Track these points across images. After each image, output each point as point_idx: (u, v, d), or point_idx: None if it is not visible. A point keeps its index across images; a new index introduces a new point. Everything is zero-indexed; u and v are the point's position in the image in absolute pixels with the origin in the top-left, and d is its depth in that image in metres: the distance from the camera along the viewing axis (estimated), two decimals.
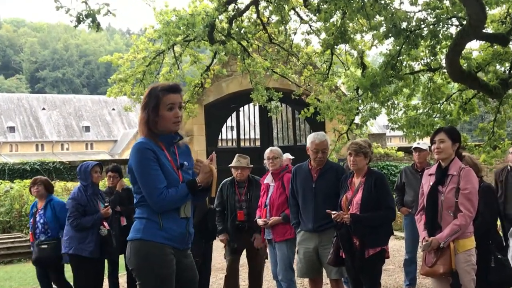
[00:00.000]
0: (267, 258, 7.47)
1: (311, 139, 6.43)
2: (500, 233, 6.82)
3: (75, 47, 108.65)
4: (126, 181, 8.52)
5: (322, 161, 6.35)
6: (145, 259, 3.88)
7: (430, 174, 5.19)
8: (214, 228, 7.20)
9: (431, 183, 5.09)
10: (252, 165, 7.57)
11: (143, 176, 3.88)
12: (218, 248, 9.00)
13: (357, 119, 12.52)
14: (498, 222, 7.11)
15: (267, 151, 7.19)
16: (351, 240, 5.55)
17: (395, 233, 12.60)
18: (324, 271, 6.48)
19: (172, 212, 3.95)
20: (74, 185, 14.32)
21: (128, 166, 3.98)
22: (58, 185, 15.44)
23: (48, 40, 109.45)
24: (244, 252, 7.70)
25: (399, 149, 16.50)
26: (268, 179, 7.16)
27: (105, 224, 7.09)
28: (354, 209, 5.55)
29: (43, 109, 76.51)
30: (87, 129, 77.37)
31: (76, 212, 6.93)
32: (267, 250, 7.34)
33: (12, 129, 72.00)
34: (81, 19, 7.24)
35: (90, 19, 7.28)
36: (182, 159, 4.10)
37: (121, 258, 8.43)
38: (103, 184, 10.68)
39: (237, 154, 7.58)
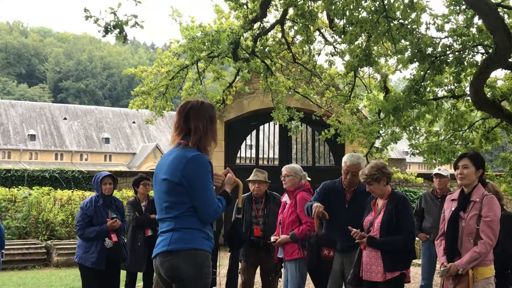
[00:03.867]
0: (280, 277, 7.42)
1: (344, 159, 6.38)
2: None
3: (99, 59, 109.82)
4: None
5: (351, 183, 6.28)
6: (200, 269, 3.94)
7: (453, 200, 5.13)
8: (242, 236, 7.13)
9: (453, 209, 5.04)
10: (269, 181, 7.54)
11: (203, 189, 3.95)
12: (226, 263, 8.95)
13: (378, 143, 12.46)
14: None
15: (282, 168, 7.17)
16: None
17: None
18: None
19: (209, 225, 4.06)
20: (91, 194, 14.36)
21: (178, 177, 3.95)
22: (76, 194, 15.52)
23: (73, 51, 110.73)
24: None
25: (419, 175, 16.38)
26: (285, 197, 7.14)
27: (113, 236, 7.03)
28: (375, 231, 5.49)
29: (65, 118, 77.14)
30: (107, 140, 77.80)
31: (82, 222, 6.96)
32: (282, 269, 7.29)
33: (33, 137, 72.63)
34: (109, 29, 7.31)
35: (118, 30, 7.35)
36: None
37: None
38: (120, 195, 10.67)
39: (255, 169, 7.58)
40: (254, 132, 19.60)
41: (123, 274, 8.04)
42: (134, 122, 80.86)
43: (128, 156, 77.99)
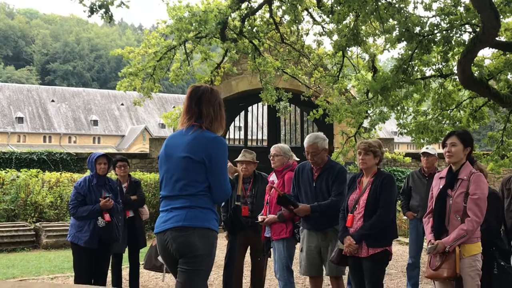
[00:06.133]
0: (270, 256, 7.45)
1: (305, 140, 6.48)
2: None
3: (86, 40, 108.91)
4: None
5: (315, 163, 6.35)
6: (212, 248, 4.11)
7: (441, 178, 5.15)
8: (243, 222, 7.17)
9: (440, 187, 5.06)
10: (258, 161, 7.57)
11: (222, 169, 4.13)
12: (221, 246, 8.97)
13: (366, 123, 12.49)
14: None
15: (271, 148, 7.20)
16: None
17: (399, 238, 12.56)
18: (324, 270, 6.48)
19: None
20: (80, 176, 14.33)
21: (201, 155, 4.06)
22: (64, 176, 15.45)
23: (60, 32, 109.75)
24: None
25: (407, 154, 16.43)
26: (273, 176, 7.17)
27: (106, 215, 7.03)
28: (360, 208, 5.52)
29: (52, 101, 76.67)
30: (95, 123, 77.48)
31: (75, 201, 6.95)
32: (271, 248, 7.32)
33: (20, 119, 72.20)
34: (94, 9, 7.24)
35: (103, 10, 7.29)
36: None
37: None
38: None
39: (243, 149, 7.59)
40: (242, 113, 19.60)
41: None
42: (122, 104, 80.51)
43: (117, 138, 77.76)
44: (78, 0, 7.10)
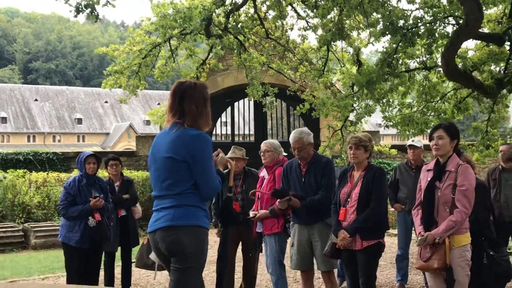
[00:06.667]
0: (261, 252, 7.49)
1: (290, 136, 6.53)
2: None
3: (68, 38, 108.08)
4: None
5: (302, 158, 6.40)
6: (203, 244, 4.12)
7: (428, 170, 5.22)
8: (234, 214, 7.18)
9: (428, 179, 5.13)
10: (247, 157, 7.60)
11: (207, 165, 4.11)
12: (210, 242, 9.00)
13: (352, 116, 12.55)
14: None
15: (262, 144, 7.24)
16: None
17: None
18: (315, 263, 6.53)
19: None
20: (67, 176, 14.29)
21: (183, 154, 4.04)
22: (51, 176, 15.39)
23: (41, 31, 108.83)
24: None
25: (392, 146, 16.53)
26: (264, 172, 7.20)
27: (96, 215, 7.04)
28: (353, 202, 5.58)
29: (36, 100, 76.12)
30: (79, 121, 77.04)
31: (65, 201, 6.95)
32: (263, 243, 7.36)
33: (4, 119, 71.65)
34: (80, 9, 7.23)
35: (89, 9, 7.27)
36: None
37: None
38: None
39: (233, 146, 7.62)
40: (229, 109, 19.62)
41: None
42: (106, 102, 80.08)
43: (102, 136, 77.38)
44: (63, 0, 7.09)
